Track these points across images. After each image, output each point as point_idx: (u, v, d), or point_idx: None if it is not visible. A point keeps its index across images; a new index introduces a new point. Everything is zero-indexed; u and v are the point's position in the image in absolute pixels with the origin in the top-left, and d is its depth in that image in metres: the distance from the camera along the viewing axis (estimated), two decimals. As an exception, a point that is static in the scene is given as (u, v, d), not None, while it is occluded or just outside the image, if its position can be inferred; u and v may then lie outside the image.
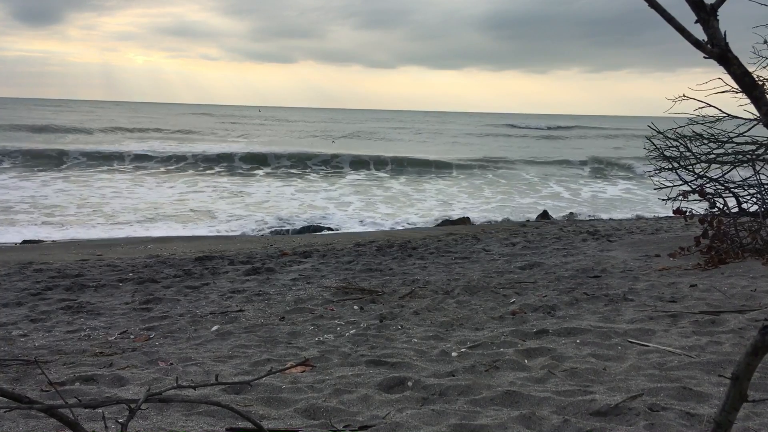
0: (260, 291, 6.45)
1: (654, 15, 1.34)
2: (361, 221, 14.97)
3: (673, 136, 8.19)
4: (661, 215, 14.15)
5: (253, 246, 10.22)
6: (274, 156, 28.08)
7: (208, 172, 24.78)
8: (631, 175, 26.36)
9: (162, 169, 24.84)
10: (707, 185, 7.90)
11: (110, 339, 4.82)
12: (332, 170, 26.11)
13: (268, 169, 25.88)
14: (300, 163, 27.16)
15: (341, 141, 43.41)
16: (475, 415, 3.08)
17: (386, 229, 13.89)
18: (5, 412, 2.83)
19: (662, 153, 8.24)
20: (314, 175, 24.96)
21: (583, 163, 29.81)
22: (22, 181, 20.12)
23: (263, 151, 29.40)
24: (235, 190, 19.96)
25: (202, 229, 13.49)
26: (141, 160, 26.51)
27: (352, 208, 17.21)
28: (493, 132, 57.48)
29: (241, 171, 25.37)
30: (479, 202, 18.99)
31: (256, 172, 25.19)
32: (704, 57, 1.33)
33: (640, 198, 20.59)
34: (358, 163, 27.52)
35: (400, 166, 26.99)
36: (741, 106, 7.46)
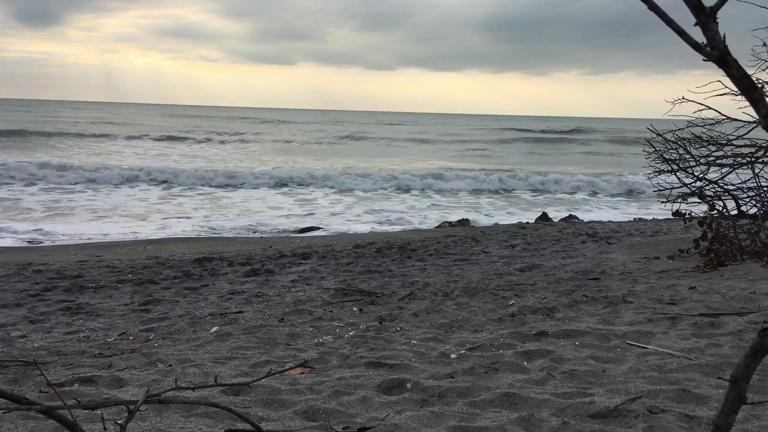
0: (259, 292, 6.44)
1: (653, 17, 1.34)
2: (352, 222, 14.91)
3: (673, 139, 8.20)
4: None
5: (252, 247, 10.22)
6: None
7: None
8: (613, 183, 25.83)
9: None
10: (706, 188, 7.91)
11: (109, 340, 4.82)
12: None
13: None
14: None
15: (336, 147, 42.73)
16: (474, 417, 3.08)
17: (384, 230, 13.87)
18: (4, 413, 2.82)
19: (662, 155, 8.25)
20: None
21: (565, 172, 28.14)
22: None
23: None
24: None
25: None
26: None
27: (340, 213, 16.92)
28: (497, 137, 56.90)
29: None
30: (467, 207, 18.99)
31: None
32: (703, 60, 1.34)
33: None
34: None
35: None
36: (740, 108, 7.47)
